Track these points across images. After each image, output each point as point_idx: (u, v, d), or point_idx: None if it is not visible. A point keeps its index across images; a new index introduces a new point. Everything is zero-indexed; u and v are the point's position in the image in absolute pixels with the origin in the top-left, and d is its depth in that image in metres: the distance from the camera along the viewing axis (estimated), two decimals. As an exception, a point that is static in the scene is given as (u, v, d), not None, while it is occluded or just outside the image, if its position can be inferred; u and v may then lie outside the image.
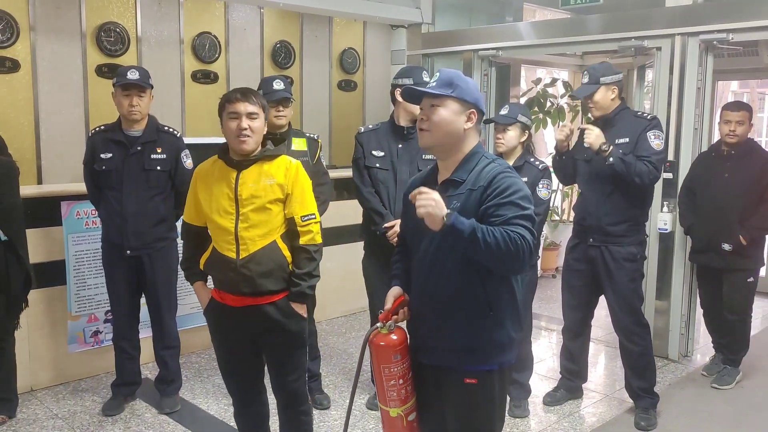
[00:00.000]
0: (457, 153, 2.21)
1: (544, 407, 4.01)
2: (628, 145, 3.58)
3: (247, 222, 2.63)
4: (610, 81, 3.64)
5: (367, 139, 3.76)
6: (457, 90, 2.17)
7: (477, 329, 2.17)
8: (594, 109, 3.69)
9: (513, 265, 2.07)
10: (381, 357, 2.22)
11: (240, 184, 2.64)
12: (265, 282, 2.66)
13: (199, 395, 4.10)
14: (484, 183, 2.12)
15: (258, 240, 2.64)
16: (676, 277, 4.65)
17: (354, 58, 6.28)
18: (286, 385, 2.84)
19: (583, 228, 3.80)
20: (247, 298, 2.67)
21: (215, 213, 2.67)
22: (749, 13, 4.27)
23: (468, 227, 2.01)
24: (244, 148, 2.63)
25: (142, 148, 3.62)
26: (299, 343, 2.81)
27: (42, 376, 4.13)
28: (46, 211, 4.05)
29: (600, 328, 5.22)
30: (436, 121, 2.17)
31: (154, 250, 3.69)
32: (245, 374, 2.87)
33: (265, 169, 2.68)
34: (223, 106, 2.67)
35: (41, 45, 4.50)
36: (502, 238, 2.00)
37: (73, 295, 4.16)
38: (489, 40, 5.69)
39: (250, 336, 2.76)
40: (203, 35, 5.25)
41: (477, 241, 2.00)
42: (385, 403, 2.27)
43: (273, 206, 2.66)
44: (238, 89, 2.70)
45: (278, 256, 2.68)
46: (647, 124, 3.61)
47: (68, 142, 4.64)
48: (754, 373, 4.48)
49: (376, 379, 2.29)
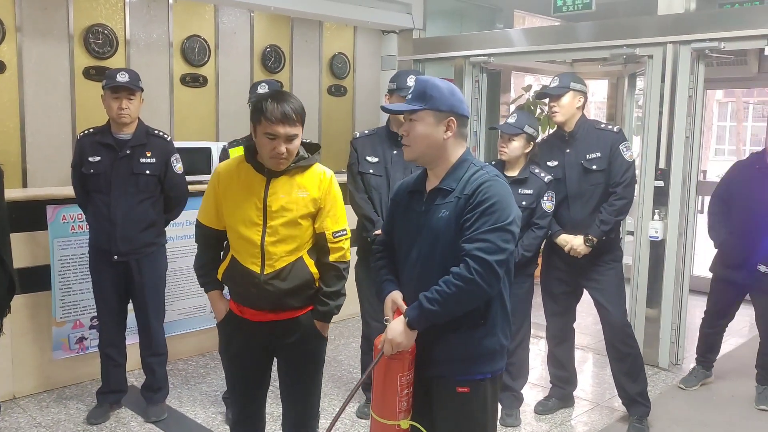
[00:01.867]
0: (443, 162, 2.20)
1: (535, 416, 3.98)
2: (601, 160, 3.63)
3: (276, 236, 2.46)
4: (579, 89, 3.68)
5: (361, 145, 3.74)
6: (430, 101, 2.15)
7: (469, 339, 2.16)
8: (558, 114, 3.70)
9: (480, 296, 2.09)
10: (398, 366, 2.17)
11: (270, 195, 2.46)
12: (290, 299, 2.51)
13: (186, 403, 4.04)
14: (468, 191, 2.12)
15: (285, 256, 2.48)
16: (666, 285, 4.65)
17: (344, 63, 6.25)
18: (299, 404, 2.69)
19: None
20: (267, 314, 2.52)
21: (240, 222, 2.48)
22: (741, 21, 4.29)
23: (423, 318, 2.10)
24: (279, 168, 2.45)
25: (132, 151, 3.57)
26: (318, 363, 2.69)
27: (25, 384, 4.05)
28: (32, 215, 3.97)
29: (588, 336, 5.22)
30: (414, 137, 2.17)
31: (143, 255, 3.63)
32: (253, 389, 2.71)
33: (298, 180, 2.50)
34: (259, 119, 2.40)
35: (28, 46, 4.44)
36: (454, 287, 2.05)
37: (58, 300, 4.09)
38: (480, 46, 5.68)
39: (264, 351, 2.63)
40: (192, 38, 5.20)
41: (432, 312, 2.08)
42: (392, 416, 2.19)
43: (304, 221, 2.49)
44: (276, 97, 2.40)
45: (305, 273, 2.52)
46: (616, 138, 3.66)
47: (55, 145, 4.57)
48: (745, 382, 4.48)
49: (381, 390, 2.22)
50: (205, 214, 2.63)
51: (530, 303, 3.87)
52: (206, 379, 4.38)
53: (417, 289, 2.17)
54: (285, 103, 2.39)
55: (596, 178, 3.65)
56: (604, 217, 3.60)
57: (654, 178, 4.60)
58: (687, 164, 4.57)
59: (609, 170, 3.62)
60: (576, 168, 3.68)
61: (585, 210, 3.67)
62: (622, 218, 3.68)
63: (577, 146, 3.68)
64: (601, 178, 3.64)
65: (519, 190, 3.56)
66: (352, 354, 4.85)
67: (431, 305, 2.07)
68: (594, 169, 3.63)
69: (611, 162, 3.62)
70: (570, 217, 3.70)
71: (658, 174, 4.57)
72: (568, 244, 3.67)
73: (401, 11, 6.16)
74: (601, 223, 3.60)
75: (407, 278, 2.24)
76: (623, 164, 3.62)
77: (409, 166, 3.59)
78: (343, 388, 4.29)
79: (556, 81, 3.73)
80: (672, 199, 4.56)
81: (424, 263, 2.17)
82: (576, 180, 3.67)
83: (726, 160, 20.76)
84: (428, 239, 2.16)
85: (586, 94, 3.76)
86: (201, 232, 2.66)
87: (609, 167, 3.62)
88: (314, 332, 2.60)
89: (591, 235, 3.61)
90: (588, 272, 3.74)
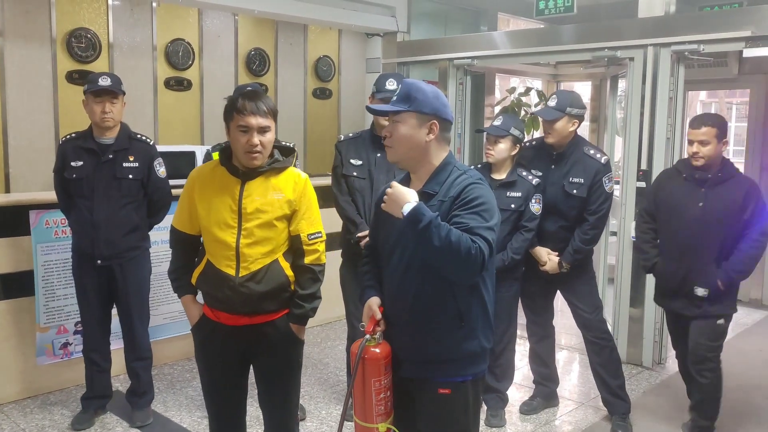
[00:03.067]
0: (426, 165, 2.21)
1: (520, 416, 4.01)
2: (583, 187, 3.67)
3: (251, 238, 2.45)
4: (575, 114, 3.67)
5: (346, 148, 3.75)
6: (414, 103, 2.16)
7: (449, 341, 2.17)
8: (551, 136, 3.72)
9: (461, 270, 2.05)
10: (372, 370, 2.18)
11: (245, 197, 2.46)
12: (265, 302, 2.50)
13: (171, 408, 4.03)
14: (454, 193, 2.13)
15: (261, 258, 2.47)
16: (649, 285, 4.69)
17: (329, 66, 6.27)
18: (277, 409, 2.67)
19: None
20: (242, 317, 2.50)
21: (214, 225, 2.47)
22: (720, 24, 4.35)
23: (428, 218, 2.01)
24: (254, 164, 2.46)
25: (114, 156, 3.56)
26: (295, 366, 2.66)
27: (9, 390, 4.02)
28: (14, 220, 3.95)
29: (573, 336, 5.24)
30: (397, 138, 2.18)
31: (126, 259, 3.62)
32: (230, 396, 2.67)
33: (273, 182, 2.51)
34: (231, 115, 2.43)
35: (10, 50, 4.41)
36: (457, 240, 1.99)
37: (42, 306, 4.06)
38: (464, 49, 5.72)
39: (240, 356, 2.59)
40: (176, 42, 5.20)
41: (431, 233, 1.99)
42: (370, 420, 2.20)
43: (279, 223, 2.49)
44: (248, 95, 2.44)
45: (280, 276, 2.51)
46: (601, 168, 3.67)
47: (37, 149, 4.55)
48: (729, 378, 4.52)
49: (360, 394, 2.22)
50: (179, 219, 2.62)
51: (517, 306, 3.90)
52: (192, 383, 4.37)
53: (398, 292, 2.19)
54: (256, 97, 2.44)
55: (574, 201, 3.70)
56: (576, 246, 3.68)
57: (636, 179, 4.65)
58: (668, 165, 4.61)
59: (587, 198, 3.67)
60: (557, 186, 3.72)
61: (556, 224, 3.75)
62: (592, 246, 3.75)
63: (563, 167, 3.71)
64: (579, 202, 3.69)
65: (507, 193, 3.58)
66: (339, 356, 4.86)
67: (435, 220, 2.01)
68: (574, 193, 3.68)
69: (591, 190, 3.66)
70: (543, 228, 3.74)
71: (639, 175, 4.62)
72: (545, 260, 3.74)
73: (385, 14, 6.18)
74: (574, 251, 3.69)
75: (389, 280, 2.25)
76: (602, 195, 3.67)
77: (392, 168, 3.60)
78: (329, 391, 4.30)
79: (553, 101, 3.71)
80: (654, 199, 4.60)
81: (407, 266, 2.17)
82: (554, 197, 3.72)
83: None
84: (410, 243, 2.16)
85: (583, 117, 3.74)
86: (175, 237, 2.66)
87: (588, 195, 3.67)
88: (290, 336, 2.59)
89: (564, 262, 3.71)
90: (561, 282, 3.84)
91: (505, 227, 3.54)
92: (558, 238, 3.74)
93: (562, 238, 3.73)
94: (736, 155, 14.50)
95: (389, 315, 2.24)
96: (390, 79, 3.59)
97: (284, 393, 2.66)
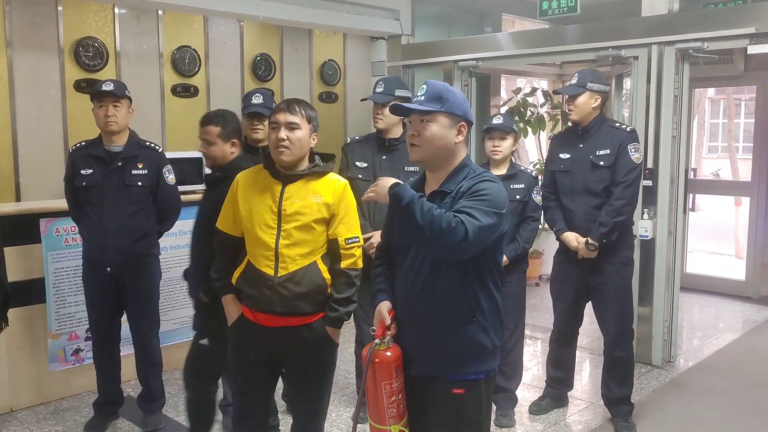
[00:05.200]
0: (447, 166, 2.24)
1: (530, 416, 4.01)
2: (609, 156, 3.65)
3: (290, 239, 2.53)
4: (597, 89, 3.68)
5: (351, 150, 3.80)
6: (446, 104, 2.18)
7: (462, 338, 2.19)
8: (573, 113, 3.73)
9: (442, 243, 2.05)
10: (382, 374, 2.20)
11: (285, 199, 2.55)
12: (302, 303, 2.55)
13: (182, 412, 4.03)
14: (465, 188, 2.16)
15: (299, 259, 2.54)
16: (657, 284, 4.69)
17: (334, 70, 6.28)
18: (308, 410, 2.74)
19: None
20: (279, 318, 2.56)
21: (255, 225, 2.55)
22: (722, 22, 4.34)
23: (409, 195, 2.09)
24: (281, 159, 2.54)
25: (123, 163, 3.59)
26: (329, 369, 2.72)
27: (22, 396, 4.07)
28: (25, 229, 4.00)
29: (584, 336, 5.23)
30: (428, 137, 2.18)
31: (136, 266, 3.66)
32: (259, 396, 2.74)
33: (312, 186, 2.59)
34: (269, 118, 2.63)
35: (18, 60, 4.46)
36: (439, 215, 2.04)
37: (53, 313, 4.11)
38: (469, 50, 5.73)
39: (274, 357, 2.65)
40: (183, 49, 5.23)
41: (413, 208, 2.06)
42: (382, 422, 2.23)
43: (318, 226, 2.56)
44: (287, 99, 2.63)
45: (318, 278, 2.57)
46: (627, 137, 3.67)
47: (47, 158, 4.59)
48: (738, 377, 4.52)
49: (372, 397, 2.25)
50: (223, 221, 2.70)
51: (524, 302, 3.91)
52: (203, 387, 4.39)
53: (411, 291, 2.21)
54: (293, 100, 2.60)
55: (602, 174, 3.66)
56: (602, 219, 3.61)
57: (642, 178, 4.64)
58: (675, 163, 4.62)
59: (614, 167, 3.63)
60: (585, 163, 3.71)
61: (587, 205, 3.70)
62: (621, 219, 3.62)
63: (590, 142, 3.71)
64: (607, 174, 3.65)
65: (511, 185, 3.68)
66: (348, 359, 4.87)
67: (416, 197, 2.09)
68: (601, 165, 3.65)
69: (617, 159, 3.62)
70: (573, 210, 3.73)
71: (646, 174, 4.60)
72: (575, 245, 3.70)
73: (389, 17, 6.20)
74: (599, 225, 3.61)
75: (402, 279, 2.27)
76: (628, 164, 3.61)
77: (397, 171, 3.64)
78: (339, 393, 4.31)
79: (575, 78, 3.74)
80: (660, 198, 4.61)
81: (421, 264, 2.19)
82: (583, 174, 3.70)
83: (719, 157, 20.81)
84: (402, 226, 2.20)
85: (605, 93, 3.75)
86: (219, 239, 2.73)
87: (614, 164, 3.63)
88: (326, 338, 2.64)
89: (591, 239, 3.64)
90: (594, 274, 3.76)
91: (512, 219, 3.61)
92: (590, 220, 3.67)
93: (595, 219, 3.66)
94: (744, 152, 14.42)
95: (403, 313, 2.26)
96: (379, 81, 3.75)
97: (317, 395, 2.71)
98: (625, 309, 3.79)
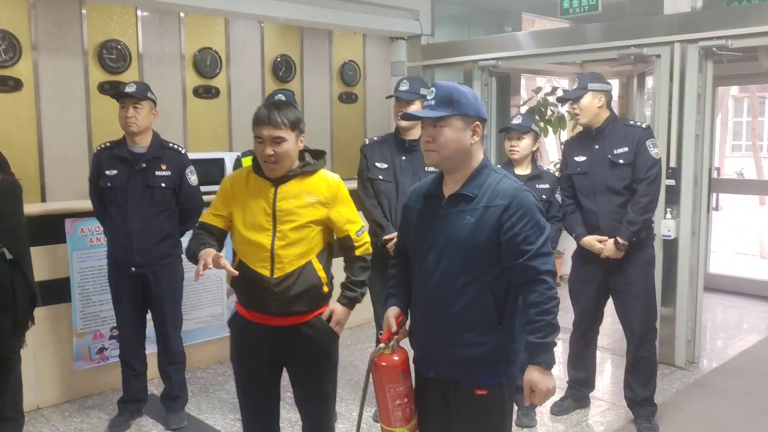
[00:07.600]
0: (465, 167, 2.21)
1: (551, 417, 3.99)
2: (628, 154, 3.63)
3: (285, 240, 2.51)
4: (598, 89, 3.69)
5: (371, 151, 3.80)
6: (458, 107, 2.16)
7: (488, 342, 2.18)
8: (581, 116, 3.73)
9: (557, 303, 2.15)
10: (387, 378, 2.21)
11: (279, 199, 2.52)
12: (297, 304, 2.55)
13: (205, 411, 4.09)
14: (503, 201, 2.13)
15: (295, 260, 2.52)
16: (680, 284, 4.64)
17: (354, 71, 6.30)
18: (315, 408, 2.73)
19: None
20: (275, 318, 2.55)
21: (249, 228, 2.53)
22: (747, 19, 4.28)
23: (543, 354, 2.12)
24: (271, 174, 2.52)
25: (147, 165, 3.63)
26: (332, 362, 2.72)
27: (48, 394, 4.13)
28: (51, 229, 4.06)
29: (605, 336, 5.21)
30: (443, 142, 2.16)
31: (159, 266, 3.69)
32: (262, 397, 2.72)
33: (305, 185, 2.57)
34: (253, 127, 2.52)
35: (43, 63, 4.53)
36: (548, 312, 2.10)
37: (78, 312, 4.16)
38: (489, 50, 5.71)
39: (272, 358, 2.65)
40: (204, 51, 5.28)
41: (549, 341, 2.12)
42: (389, 424, 2.24)
43: (313, 225, 2.55)
44: (268, 105, 2.52)
45: (313, 278, 2.57)
46: (644, 133, 3.66)
47: (71, 159, 4.66)
48: (763, 378, 4.46)
49: (379, 399, 2.26)
50: (208, 217, 2.63)
51: None
52: (224, 386, 4.43)
53: (436, 294, 2.19)
54: (274, 108, 2.49)
55: (623, 172, 3.65)
56: (630, 218, 3.58)
57: (665, 177, 4.60)
58: (698, 162, 4.57)
59: (634, 165, 3.62)
60: (603, 163, 3.69)
61: (611, 205, 3.68)
62: (649, 216, 3.63)
63: (605, 142, 3.70)
64: (628, 172, 3.64)
65: (536, 185, 3.69)
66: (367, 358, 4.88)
67: (546, 337, 2.11)
68: (621, 163, 3.64)
69: (637, 156, 3.61)
70: (597, 211, 3.71)
71: (669, 173, 4.56)
72: (602, 251, 3.67)
73: (409, 17, 6.20)
74: (628, 223, 3.59)
75: (422, 282, 2.24)
76: (648, 160, 3.61)
77: (417, 171, 3.64)
78: (360, 393, 4.31)
79: (575, 83, 3.79)
80: (684, 197, 4.56)
81: (446, 268, 2.17)
82: (603, 175, 3.69)
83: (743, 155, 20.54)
84: (449, 245, 2.17)
85: (608, 92, 3.75)
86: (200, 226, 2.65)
87: (634, 162, 3.62)
88: (327, 332, 2.65)
89: (621, 238, 3.61)
90: (617, 274, 3.74)
91: None
92: (616, 219, 3.65)
93: (620, 218, 3.64)
94: (769, 150, 14.25)
95: (424, 316, 2.24)
96: (403, 81, 3.76)
97: (320, 392, 2.71)
98: (649, 307, 3.77)
